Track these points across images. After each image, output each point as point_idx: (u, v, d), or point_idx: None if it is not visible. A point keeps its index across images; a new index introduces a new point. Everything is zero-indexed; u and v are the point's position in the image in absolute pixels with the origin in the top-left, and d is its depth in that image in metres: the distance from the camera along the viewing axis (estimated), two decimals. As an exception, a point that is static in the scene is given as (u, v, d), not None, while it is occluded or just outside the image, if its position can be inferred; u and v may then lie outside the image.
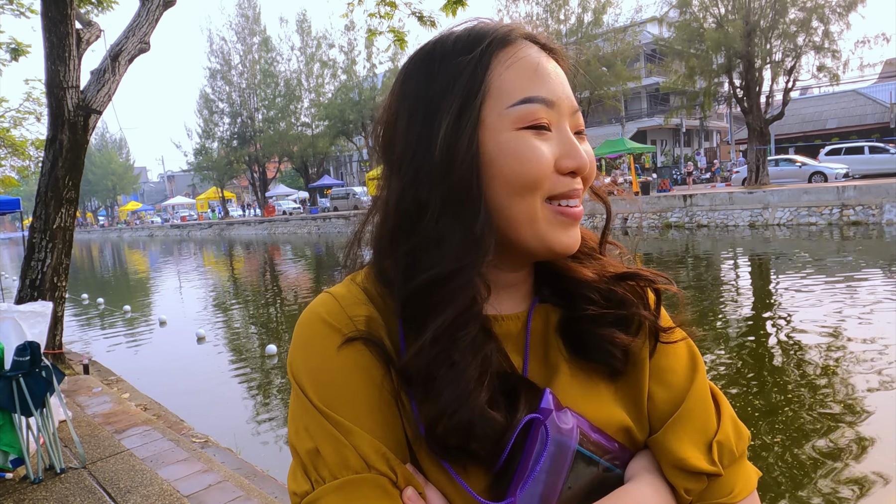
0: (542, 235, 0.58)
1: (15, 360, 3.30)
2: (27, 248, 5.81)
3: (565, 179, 0.58)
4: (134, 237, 53.74)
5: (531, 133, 0.56)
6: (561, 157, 0.57)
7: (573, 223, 0.60)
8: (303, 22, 42.59)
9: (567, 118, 0.59)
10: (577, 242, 0.60)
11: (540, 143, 0.56)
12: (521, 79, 0.57)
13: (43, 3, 5.45)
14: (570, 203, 0.59)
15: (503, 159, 0.56)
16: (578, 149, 0.58)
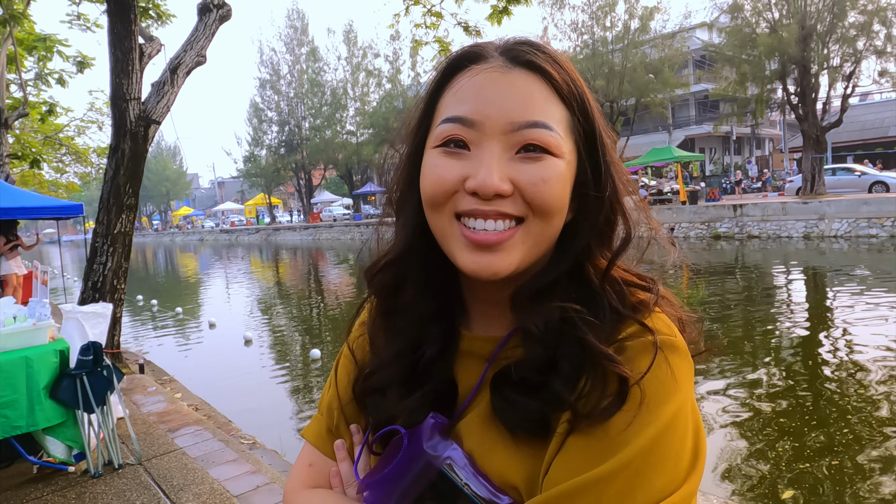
0: (452, 253, 0.59)
1: (79, 359, 3.47)
2: (90, 251, 6.11)
3: (469, 198, 0.57)
4: (185, 241, 55.71)
5: (440, 151, 0.58)
6: (468, 177, 0.56)
7: (480, 247, 0.57)
8: (349, 32, 43.52)
9: (497, 137, 0.56)
10: (486, 269, 0.57)
11: (444, 162, 0.58)
12: (454, 101, 0.59)
13: (109, 20, 5.75)
14: (476, 225, 0.57)
15: (422, 176, 0.61)
16: (482, 169, 0.55)
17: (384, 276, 0.68)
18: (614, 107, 27.03)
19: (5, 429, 3.22)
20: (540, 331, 0.58)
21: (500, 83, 0.57)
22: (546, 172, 0.56)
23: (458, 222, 0.58)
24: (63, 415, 3.41)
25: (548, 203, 0.56)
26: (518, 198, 0.56)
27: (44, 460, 3.54)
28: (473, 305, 0.66)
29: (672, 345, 0.56)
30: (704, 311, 9.08)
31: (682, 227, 20.51)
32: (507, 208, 0.56)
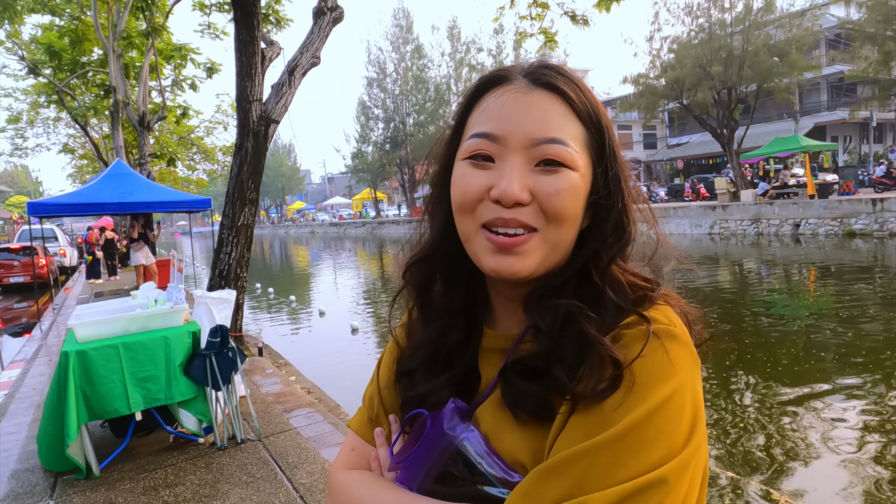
0: (476, 256, 0.66)
1: (209, 341, 3.79)
2: (217, 242, 6.64)
3: (493, 207, 0.63)
4: (298, 233, 59.19)
5: (469, 163, 0.66)
6: (492, 187, 0.63)
7: (501, 250, 0.63)
8: (453, 28, 43.95)
9: (519, 151, 0.63)
10: (506, 269, 0.63)
11: (472, 172, 0.65)
12: (481, 119, 0.66)
13: (235, 27, 6.19)
14: (500, 231, 0.63)
15: (452, 185, 0.68)
16: (505, 179, 0.62)
17: (416, 273, 0.77)
18: (732, 94, 25.20)
19: (147, 400, 3.58)
20: (546, 325, 0.64)
21: (522, 103, 0.64)
22: (560, 184, 0.62)
23: (483, 230, 0.64)
24: (195, 391, 3.74)
25: (560, 212, 0.63)
26: (536, 207, 0.63)
27: (178, 431, 3.91)
28: (497, 305, 0.73)
29: (670, 333, 0.60)
30: (833, 316, 8.25)
31: (809, 224, 18.77)
32: (525, 217, 0.62)
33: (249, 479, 3.37)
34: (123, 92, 14.92)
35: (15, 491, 3.44)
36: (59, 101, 19.09)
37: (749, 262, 14.81)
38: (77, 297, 13.46)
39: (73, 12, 16.07)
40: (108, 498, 3.23)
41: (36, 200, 10.64)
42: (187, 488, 3.29)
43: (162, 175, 24.49)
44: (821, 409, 4.92)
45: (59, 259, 20.27)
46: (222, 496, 3.18)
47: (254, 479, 3.35)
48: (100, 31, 14.14)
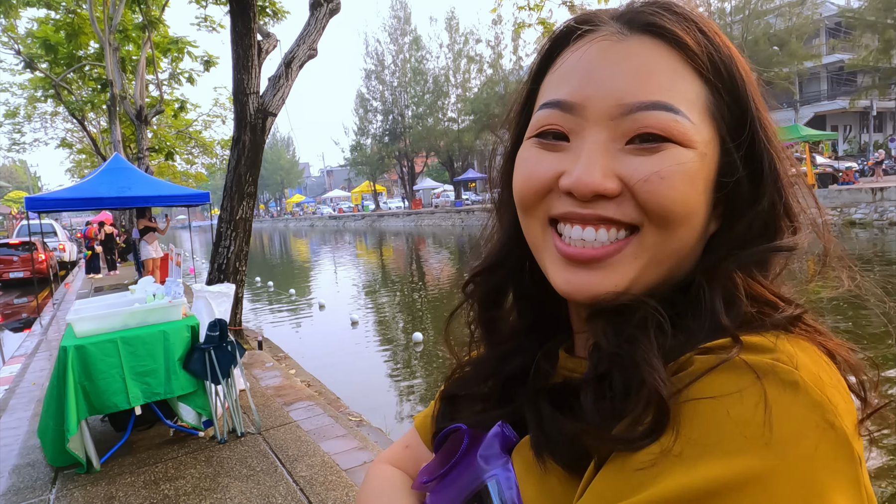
0: (544, 267, 0.50)
1: (207, 335, 3.79)
2: (216, 236, 6.64)
3: (564, 199, 0.47)
4: (298, 227, 59.18)
5: (534, 142, 0.49)
6: (563, 173, 0.46)
7: (573, 263, 0.46)
8: (451, 19, 43.73)
9: (603, 122, 0.45)
10: (581, 290, 0.46)
11: (537, 154, 0.49)
12: (555, 81, 0.49)
13: (231, 19, 6.15)
14: (571, 235, 0.46)
15: (514, 173, 0.52)
16: (580, 162, 0.45)
17: (479, 286, 0.61)
18: (732, 84, 25.12)
19: (147, 394, 3.59)
20: (608, 341, 0.45)
21: (610, 55, 0.46)
22: (665, 166, 0.43)
23: (551, 230, 0.48)
24: (194, 384, 3.75)
25: (666, 206, 0.43)
26: (628, 200, 0.45)
27: (178, 425, 3.92)
28: (577, 323, 0.54)
29: (781, 375, 0.36)
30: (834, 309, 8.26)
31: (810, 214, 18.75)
32: (613, 213, 0.45)
33: (249, 472, 3.38)
34: (120, 86, 14.86)
35: (16, 485, 3.46)
36: (56, 95, 19.03)
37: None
38: (77, 291, 13.46)
39: (68, 6, 15.98)
40: (109, 492, 3.24)
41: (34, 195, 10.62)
42: (188, 482, 3.30)
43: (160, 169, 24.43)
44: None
45: (59, 254, 20.26)
46: (222, 489, 3.19)
47: (254, 473, 3.36)
48: (95, 24, 14.07)
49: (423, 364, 7.08)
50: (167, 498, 3.14)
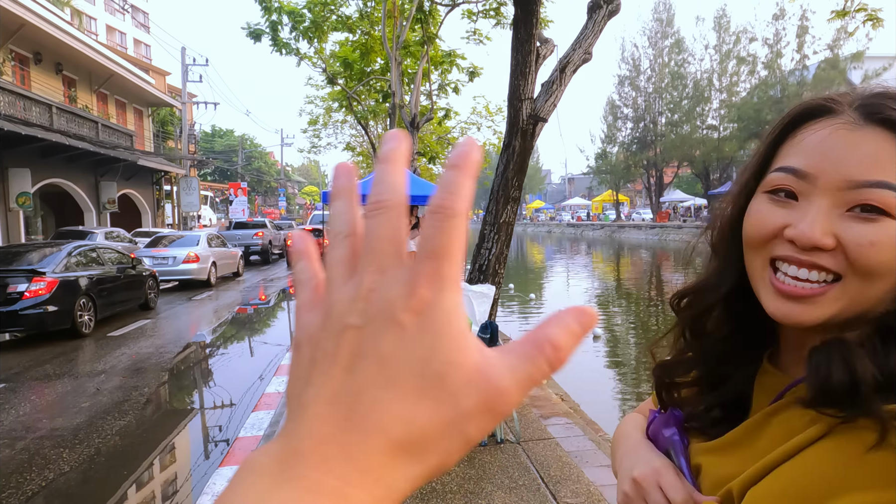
0: (760, 295, 0.59)
1: (479, 336, 3.82)
2: (479, 237, 6.86)
3: (786, 245, 0.57)
4: (536, 232, 60.24)
5: (768, 197, 0.59)
6: (789, 225, 0.56)
7: (782, 296, 0.56)
8: (721, 18, 39.87)
9: (830, 193, 0.55)
10: (789, 317, 0.56)
11: (769, 208, 0.59)
12: (793, 151, 0.59)
13: (514, 26, 6.27)
14: (788, 272, 0.56)
15: (746, 217, 0.62)
16: (805, 220, 0.55)
17: (692, 302, 0.71)
18: None
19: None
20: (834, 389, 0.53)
21: (846, 140, 0.55)
22: (878, 236, 0.53)
23: (770, 267, 0.58)
24: (462, 383, 3.82)
25: (871, 266, 0.53)
26: (840, 255, 0.54)
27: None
28: (784, 342, 0.65)
29: None
30: None
31: None
32: (825, 262, 0.54)
33: (512, 484, 3.29)
34: (400, 96, 16.65)
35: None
36: (348, 105, 22.19)
37: None
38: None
39: (364, 28, 18.47)
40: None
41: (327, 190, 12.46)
42: (453, 479, 3.34)
43: (421, 172, 26.94)
44: None
45: (338, 241, 23.67)
46: (486, 496, 3.15)
47: (516, 486, 3.26)
48: (385, 42, 15.96)
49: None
50: (434, 491, 3.21)
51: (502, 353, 0.27)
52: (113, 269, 10.06)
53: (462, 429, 0.26)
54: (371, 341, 0.26)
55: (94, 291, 9.25)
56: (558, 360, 0.27)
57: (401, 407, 0.25)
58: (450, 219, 0.27)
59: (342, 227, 0.30)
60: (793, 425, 0.56)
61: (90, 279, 9.25)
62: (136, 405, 5.57)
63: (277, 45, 17.28)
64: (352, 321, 0.27)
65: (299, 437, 0.25)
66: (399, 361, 0.26)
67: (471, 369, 0.26)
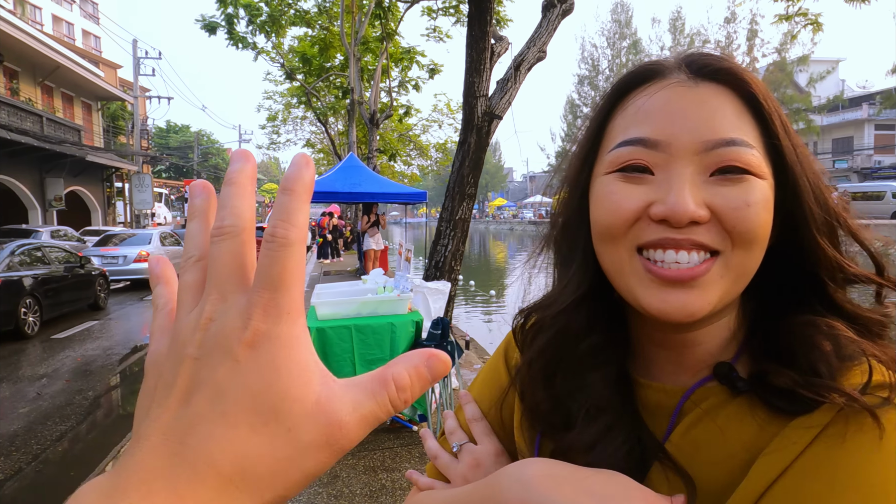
0: (632, 292, 0.52)
1: (430, 332, 3.83)
2: (435, 234, 6.87)
3: (656, 227, 0.50)
4: (498, 229, 60.72)
5: (617, 176, 0.52)
6: (653, 203, 0.50)
7: (668, 284, 0.49)
8: (676, 20, 40.94)
9: (688, 158, 0.49)
10: (677, 310, 0.49)
11: (623, 187, 0.52)
12: (631, 121, 0.53)
13: (468, 23, 6.29)
14: (665, 259, 0.49)
15: (592, 206, 0.55)
16: (673, 193, 0.48)
17: (551, 331, 0.59)
18: None
19: (372, 382, 3.74)
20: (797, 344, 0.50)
21: (687, 98, 0.51)
22: (751, 196, 0.49)
23: (639, 256, 0.51)
24: (414, 379, 3.82)
25: (752, 231, 0.49)
26: (715, 226, 0.49)
27: (396, 415, 4.04)
28: (648, 350, 0.58)
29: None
30: None
31: None
32: (703, 237, 0.49)
33: (461, 478, 3.31)
34: (359, 92, 16.50)
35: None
36: (307, 102, 21.87)
37: None
38: (309, 273, 15.27)
39: (323, 23, 18.23)
40: (334, 470, 3.42)
41: (285, 187, 12.23)
42: (402, 475, 3.34)
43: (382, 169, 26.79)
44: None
45: (297, 239, 23.34)
46: (436, 491, 3.16)
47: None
48: (344, 38, 15.80)
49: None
50: (384, 488, 3.20)
51: (348, 388, 0.27)
52: (60, 269, 9.68)
53: (300, 464, 0.25)
54: (206, 373, 0.25)
55: (39, 291, 8.88)
56: (401, 400, 0.27)
57: (233, 442, 0.24)
58: (284, 248, 0.26)
59: (194, 250, 0.29)
60: (745, 431, 0.49)
61: (35, 279, 8.87)
62: (79, 409, 5.38)
63: (234, 38, 16.90)
64: (189, 352, 0.26)
65: (127, 471, 0.24)
66: (233, 395, 0.25)
67: (310, 404, 0.25)
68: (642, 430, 0.54)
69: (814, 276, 0.53)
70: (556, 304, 0.60)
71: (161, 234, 15.08)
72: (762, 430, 0.48)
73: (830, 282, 0.52)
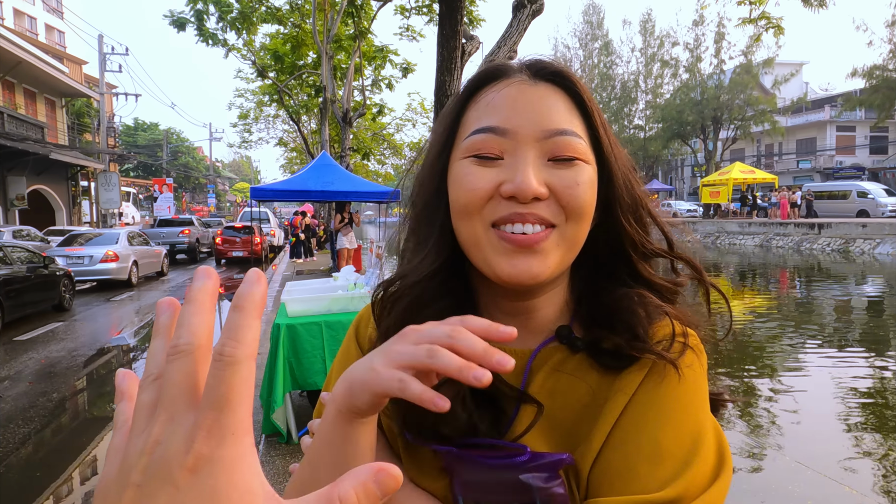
0: (487, 261, 0.59)
1: (400, 328, 3.86)
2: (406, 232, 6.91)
3: (506, 204, 0.58)
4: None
5: (472, 161, 0.60)
6: (503, 183, 0.58)
7: (518, 250, 0.58)
8: (646, 22, 41.60)
9: (531, 144, 0.59)
10: (524, 272, 0.58)
11: (478, 170, 0.59)
12: (482, 113, 0.61)
13: (440, 22, 6.33)
14: (514, 229, 0.58)
15: (451, 187, 0.62)
16: (519, 174, 0.57)
17: (408, 299, 0.65)
18: None
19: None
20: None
21: (529, 95, 0.60)
22: (579, 177, 0.59)
23: (493, 230, 0.59)
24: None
25: (581, 206, 0.59)
26: (553, 203, 0.58)
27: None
28: (497, 318, 0.64)
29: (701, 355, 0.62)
30: None
31: None
32: (544, 212, 0.58)
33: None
34: (332, 91, 16.41)
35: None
36: (279, 100, 21.67)
37: None
38: (282, 273, 15.14)
39: (295, 21, 18.08)
40: (305, 466, 3.42)
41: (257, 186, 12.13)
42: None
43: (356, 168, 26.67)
44: None
45: (270, 238, 23.11)
46: (406, 484, 3.19)
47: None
48: (316, 36, 15.69)
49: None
50: (355, 482, 3.22)
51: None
52: (22, 269, 9.43)
53: None
54: (147, 502, 0.25)
55: (0, 292, 8.65)
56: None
57: None
58: (231, 366, 0.26)
59: (153, 368, 0.29)
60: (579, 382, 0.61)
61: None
62: (42, 412, 5.27)
63: (203, 35, 16.62)
64: (133, 478, 0.26)
65: None
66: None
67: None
68: (501, 382, 0.61)
69: (623, 251, 0.65)
70: (412, 275, 0.65)
71: (129, 233, 14.79)
72: (601, 378, 0.61)
73: (635, 254, 0.64)
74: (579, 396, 0.61)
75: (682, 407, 0.57)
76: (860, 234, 21.02)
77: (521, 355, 0.63)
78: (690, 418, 0.57)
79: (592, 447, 0.57)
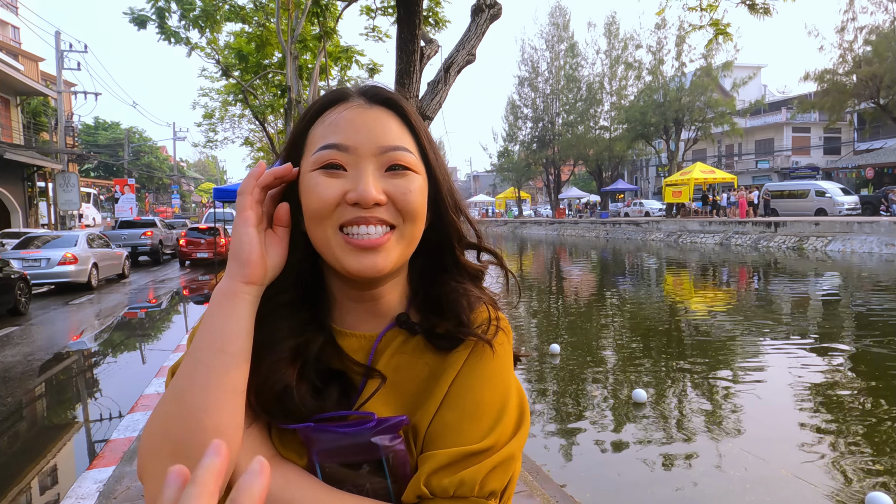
0: (337, 258, 0.69)
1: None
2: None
3: (351, 209, 0.67)
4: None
5: (321, 173, 0.69)
6: (349, 191, 0.67)
7: (363, 250, 0.68)
8: (611, 24, 42.37)
9: (370, 159, 0.69)
10: (370, 268, 0.68)
11: (326, 181, 0.69)
12: (327, 131, 0.71)
13: (398, 26, 6.43)
14: (359, 231, 0.68)
15: (303, 196, 0.71)
16: (362, 184, 0.67)
17: (272, 288, 0.74)
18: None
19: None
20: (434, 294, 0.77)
21: (365, 116, 0.71)
22: (411, 185, 0.70)
23: (341, 232, 0.68)
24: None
25: (414, 210, 0.70)
26: (391, 207, 0.69)
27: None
28: (346, 307, 0.77)
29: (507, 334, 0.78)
30: None
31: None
32: (384, 215, 0.68)
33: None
34: (297, 91, 16.34)
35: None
36: (244, 99, 21.43)
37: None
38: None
39: (259, 20, 17.94)
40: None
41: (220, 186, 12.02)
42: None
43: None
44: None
45: (236, 240, 22.81)
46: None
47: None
48: (280, 35, 15.61)
49: (557, 377, 6.84)
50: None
51: None
52: (-27, 273, 9.19)
53: None
54: None
55: (-50, 297, 8.42)
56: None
57: None
58: None
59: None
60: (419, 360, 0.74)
61: (-55, 284, 8.40)
62: (-3, 416, 5.19)
63: (165, 33, 16.32)
64: None
65: None
66: None
67: None
68: (350, 360, 0.73)
69: (450, 244, 0.78)
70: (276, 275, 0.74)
71: (88, 235, 14.48)
72: (435, 357, 0.74)
73: (459, 245, 0.79)
74: (418, 371, 0.73)
75: (496, 376, 0.71)
76: (813, 231, 21.88)
77: (369, 338, 0.75)
78: (501, 384, 0.71)
79: (429, 411, 0.70)
